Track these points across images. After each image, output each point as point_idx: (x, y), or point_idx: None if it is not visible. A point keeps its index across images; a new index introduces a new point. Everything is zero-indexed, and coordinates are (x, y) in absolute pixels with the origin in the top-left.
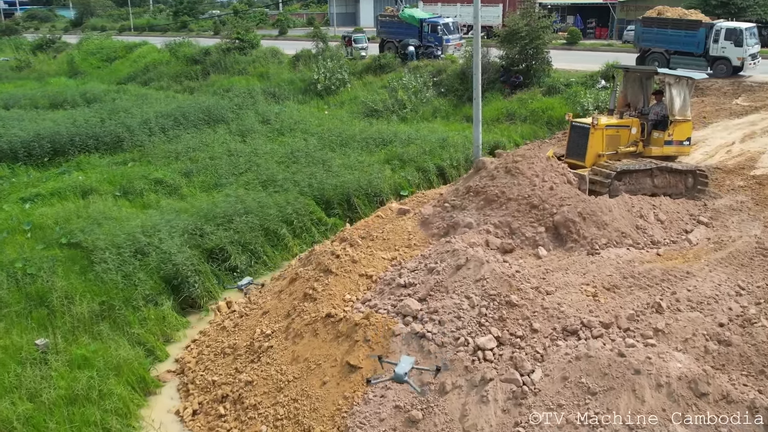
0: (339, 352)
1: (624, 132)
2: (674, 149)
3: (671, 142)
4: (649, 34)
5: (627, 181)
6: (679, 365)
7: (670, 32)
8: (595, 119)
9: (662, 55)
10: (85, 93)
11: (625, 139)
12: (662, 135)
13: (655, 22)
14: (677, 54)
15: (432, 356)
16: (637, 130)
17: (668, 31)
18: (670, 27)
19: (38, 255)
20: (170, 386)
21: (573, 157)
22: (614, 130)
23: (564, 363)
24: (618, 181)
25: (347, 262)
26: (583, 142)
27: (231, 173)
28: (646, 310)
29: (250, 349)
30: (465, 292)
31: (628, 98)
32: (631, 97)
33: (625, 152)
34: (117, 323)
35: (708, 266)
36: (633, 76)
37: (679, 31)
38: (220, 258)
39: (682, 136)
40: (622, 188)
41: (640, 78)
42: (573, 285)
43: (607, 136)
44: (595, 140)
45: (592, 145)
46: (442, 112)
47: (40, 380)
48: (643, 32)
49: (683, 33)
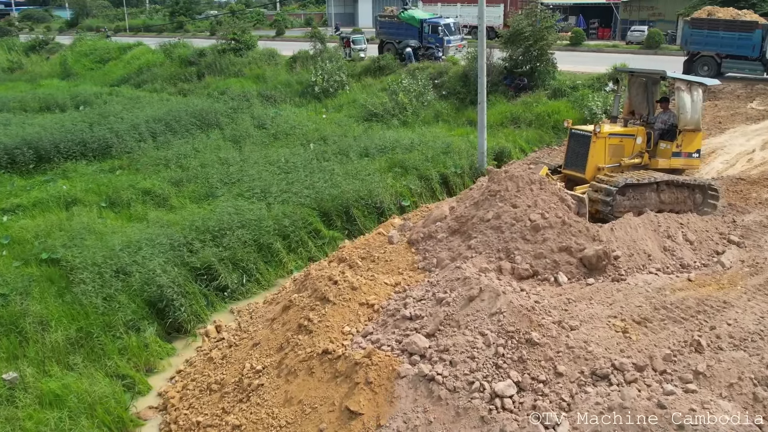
0: (337, 394)
1: (628, 142)
2: (683, 162)
3: (680, 154)
4: (699, 36)
5: (631, 196)
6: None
7: (722, 34)
8: (597, 126)
9: (713, 59)
10: (76, 96)
11: (629, 149)
12: (670, 146)
13: (706, 24)
14: (730, 58)
15: (443, 403)
16: (643, 140)
17: (720, 33)
18: (721, 29)
19: (13, 273)
20: (151, 425)
21: (572, 169)
22: (618, 139)
23: (595, 414)
24: (621, 195)
25: (346, 289)
26: (583, 152)
27: (223, 182)
28: (683, 349)
29: (238, 387)
30: (479, 328)
31: (632, 105)
32: (635, 104)
33: (629, 164)
34: (95, 352)
35: (746, 294)
36: (638, 81)
37: (733, 33)
38: (209, 277)
39: (691, 147)
40: (626, 203)
41: (646, 83)
42: (599, 318)
43: (610, 145)
44: (596, 150)
45: (593, 155)
46: (444, 116)
47: (5, 422)
48: (692, 34)
49: (737, 35)
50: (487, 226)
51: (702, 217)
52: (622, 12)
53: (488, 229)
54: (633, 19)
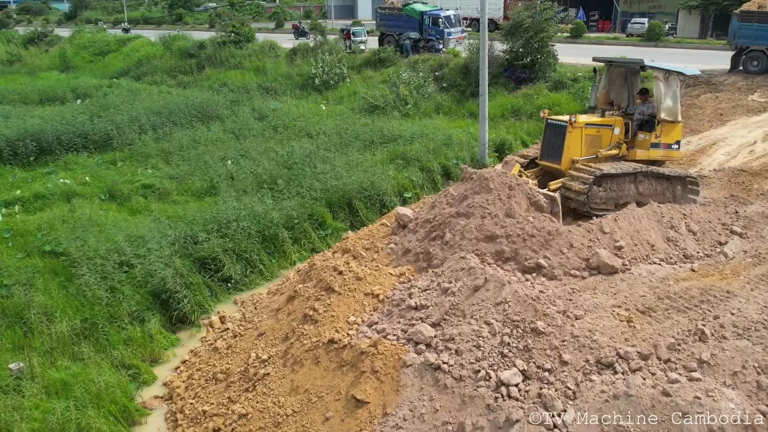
0: (343, 383)
1: (606, 132)
2: (662, 153)
3: (658, 145)
4: (748, 30)
5: (608, 187)
6: (732, 406)
7: None
8: (573, 116)
9: (763, 53)
10: (76, 88)
11: (606, 140)
12: (648, 137)
13: (756, 17)
14: None
15: (449, 391)
16: (621, 130)
17: None
18: None
19: (17, 265)
20: (157, 414)
21: (548, 159)
22: (595, 129)
23: (600, 402)
24: (597, 187)
25: (351, 279)
26: (559, 142)
27: (225, 175)
28: (687, 338)
29: (244, 376)
30: (484, 317)
31: (610, 95)
32: (614, 95)
33: (606, 155)
34: (100, 343)
35: (749, 284)
36: (617, 71)
37: None
38: (213, 268)
39: (670, 138)
40: (602, 195)
41: (625, 73)
42: (604, 308)
43: (586, 136)
44: (572, 140)
45: (569, 145)
46: (445, 108)
47: (12, 411)
48: (741, 28)
49: None
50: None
51: (705, 208)
52: (623, 4)
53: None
54: (633, 11)
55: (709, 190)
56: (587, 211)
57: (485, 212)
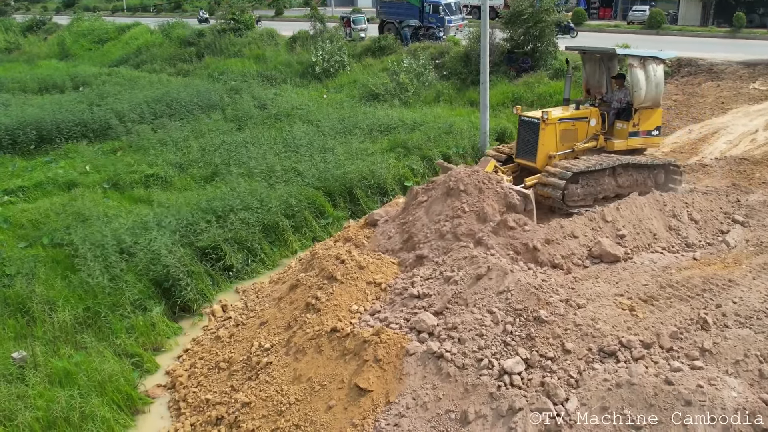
0: (346, 372)
1: (581, 125)
2: (641, 141)
3: (637, 133)
4: None
5: (585, 184)
6: (734, 394)
7: None
8: (545, 113)
9: None
10: (75, 76)
11: (583, 133)
12: (626, 126)
13: None
14: None
15: (452, 380)
16: (597, 121)
17: None
18: None
19: (18, 254)
20: (160, 403)
21: (523, 157)
22: (569, 123)
23: (603, 391)
24: (574, 184)
25: (353, 268)
26: (533, 140)
27: (226, 163)
28: (690, 327)
29: (247, 365)
30: (487, 306)
31: (588, 84)
32: (591, 83)
33: (582, 148)
34: (102, 332)
35: (751, 273)
36: (593, 59)
37: None
38: (215, 257)
39: (650, 125)
40: (579, 192)
41: (601, 60)
42: (606, 296)
43: (561, 131)
44: (546, 137)
45: (543, 142)
46: (446, 96)
47: (16, 399)
48: None
49: None
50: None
51: (707, 197)
52: None
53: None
54: None
55: (711, 179)
56: (565, 209)
57: (458, 222)
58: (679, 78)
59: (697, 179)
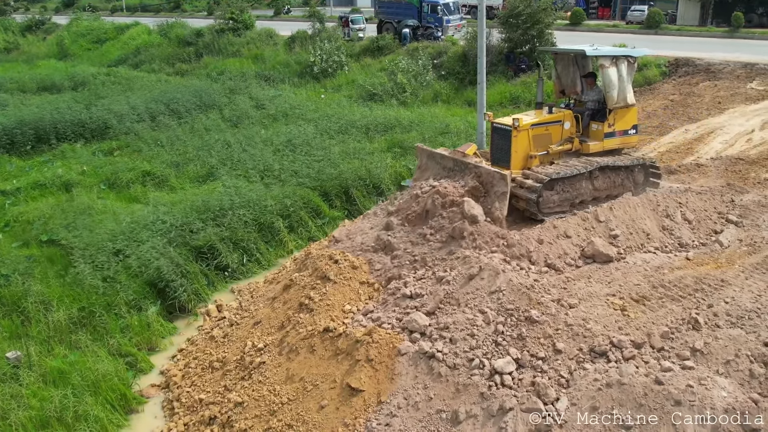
0: (338, 372)
1: (555, 129)
2: (618, 141)
3: (613, 133)
4: None
5: (560, 190)
6: (724, 394)
7: None
8: (516, 120)
9: None
10: (74, 76)
11: (557, 136)
12: (602, 127)
13: None
14: None
15: (443, 379)
16: (571, 124)
17: None
18: None
19: (14, 254)
20: (154, 402)
21: (498, 164)
22: (543, 128)
23: (593, 391)
24: (549, 191)
25: (347, 268)
26: (506, 146)
27: (223, 163)
28: (681, 327)
29: (240, 365)
30: (479, 306)
31: (561, 85)
32: (565, 84)
33: (557, 151)
34: (97, 331)
35: (744, 273)
36: (565, 59)
37: None
38: (210, 257)
39: (626, 125)
40: (555, 198)
41: (574, 59)
42: (598, 296)
43: (534, 136)
44: (519, 144)
45: (516, 149)
46: (443, 96)
47: (10, 399)
48: None
49: None
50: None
51: (701, 197)
52: None
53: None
54: None
55: (706, 179)
56: (540, 217)
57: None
58: (677, 78)
59: (692, 179)
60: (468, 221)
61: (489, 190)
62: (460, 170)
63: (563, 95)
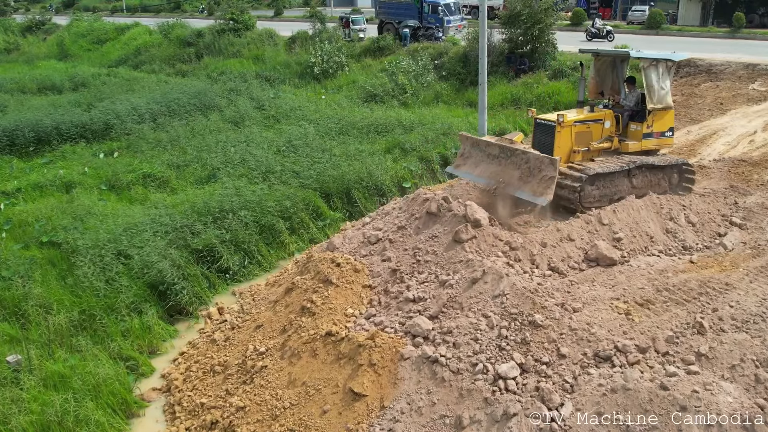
0: (341, 376)
1: (596, 127)
2: (655, 142)
3: (651, 134)
4: None
5: (600, 185)
6: (730, 399)
7: None
8: (561, 116)
9: None
10: (74, 77)
11: (597, 134)
12: (640, 127)
13: None
14: None
15: (447, 384)
16: (612, 123)
17: None
18: None
19: (15, 256)
20: (155, 407)
21: None
22: (584, 125)
23: (598, 396)
24: (590, 186)
25: (349, 271)
26: (549, 142)
27: (224, 164)
28: (686, 331)
29: (242, 369)
30: (482, 310)
31: (600, 87)
32: (604, 86)
33: (597, 148)
34: (98, 335)
35: (748, 276)
36: (605, 61)
37: None
38: (211, 259)
39: (663, 126)
40: (596, 193)
41: (613, 62)
42: (602, 300)
43: (576, 133)
44: (562, 139)
45: (559, 145)
46: (444, 97)
47: (10, 403)
48: None
49: None
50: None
51: (704, 199)
52: None
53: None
54: None
55: (709, 181)
56: (580, 210)
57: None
58: (678, 78)
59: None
60: (471, 225)
61: (535, 176)
62: (506, 157)
63: (601, 96)
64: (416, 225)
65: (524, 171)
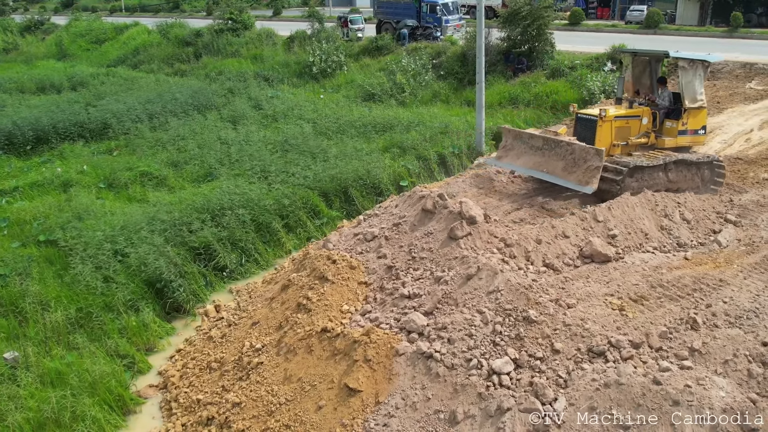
0: (336, 372)
1: (634, 123)
2: (689, 139)
3: (686, 131)
4: None
5: (639, 178)
6: (723, 394)
7: None
8: (603, 111)
9: None
10: (73, 76)
11: (635, 130)
12: (675, 125)
13: None
14: None
15: (441, 380)
16: (649, 120)
17: None
18: None
19: (12, 254)
20: (152, 403)
21: None
22: (624, 121)
23: (591, 391)
24: (630, 177)
25: (345, 268)
26: (590, 136)
27: (222, 163)
28: (679, 327)
29: (238, 365)
30: (477, 306)
31: (636, 85)
32: (640, 85)
33: (635, 143)
34: (95, 332)
35: (742, 272)
36: (642, 61)
37: None
38: (208, 257)
39: (696, 125)
40: (634, 185)
41: (649, 62)
42: (596, 296)
43: (616, 128)
44: (603, 133)
45: (599, 138)
46: (442, 96)
47: (7, 400)
48: None
49: None
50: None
51: (699, 197)
52: None
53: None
54: None
55: None
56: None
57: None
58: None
59: None
60: (466, 222)
61: (581, 166)
62: (551, 148)
63: (638, 95)
64: (412, 222)
65: (569, 161)
